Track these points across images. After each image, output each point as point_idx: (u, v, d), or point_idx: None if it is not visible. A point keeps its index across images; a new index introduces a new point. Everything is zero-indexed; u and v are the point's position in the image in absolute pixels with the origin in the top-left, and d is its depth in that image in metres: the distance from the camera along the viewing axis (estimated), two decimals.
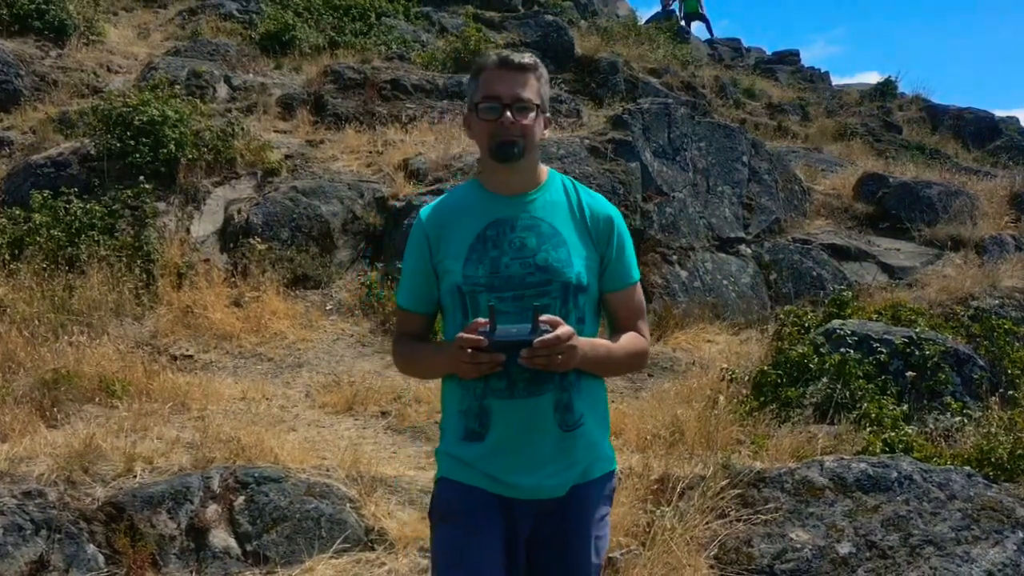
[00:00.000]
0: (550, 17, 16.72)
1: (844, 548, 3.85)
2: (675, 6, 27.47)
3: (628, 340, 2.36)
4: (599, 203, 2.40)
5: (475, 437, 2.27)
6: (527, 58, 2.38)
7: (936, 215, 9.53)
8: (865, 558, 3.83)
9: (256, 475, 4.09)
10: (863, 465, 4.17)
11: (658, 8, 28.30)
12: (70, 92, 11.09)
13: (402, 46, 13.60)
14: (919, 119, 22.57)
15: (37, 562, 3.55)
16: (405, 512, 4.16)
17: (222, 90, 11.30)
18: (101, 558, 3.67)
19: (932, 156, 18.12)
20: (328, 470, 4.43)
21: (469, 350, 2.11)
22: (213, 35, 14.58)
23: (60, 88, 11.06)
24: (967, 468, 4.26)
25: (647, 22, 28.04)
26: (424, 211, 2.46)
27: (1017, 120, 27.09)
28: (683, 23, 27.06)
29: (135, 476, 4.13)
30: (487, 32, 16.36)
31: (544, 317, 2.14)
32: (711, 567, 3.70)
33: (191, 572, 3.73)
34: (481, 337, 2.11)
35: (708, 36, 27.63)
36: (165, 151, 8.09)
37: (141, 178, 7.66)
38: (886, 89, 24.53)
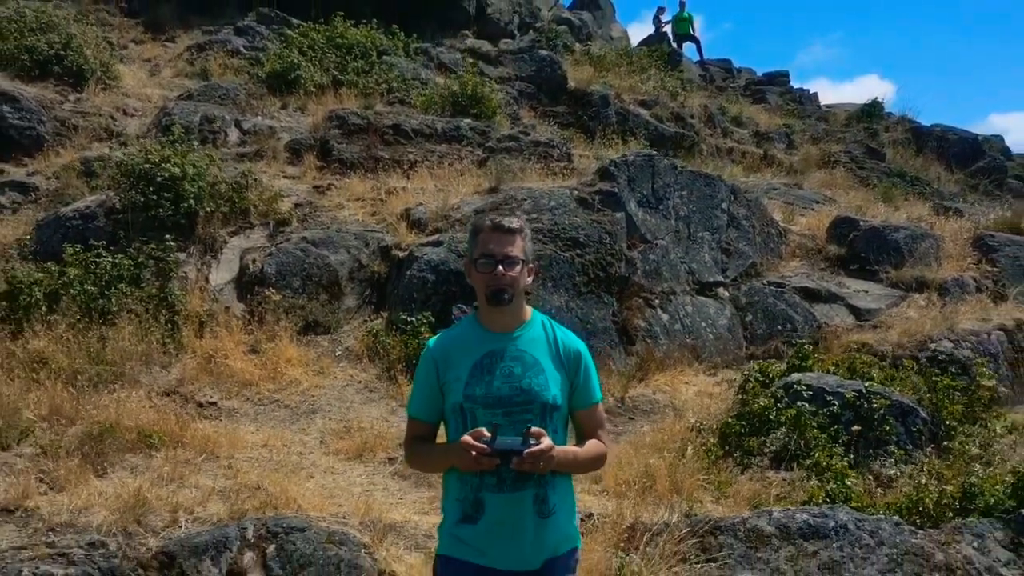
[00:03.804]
0: (544, 52, 17.44)
1: None
2: (668, 29, 28.25)
3: (591, 446, 3.05)
4: (570, 339, 3.09)
5: (470, 520, 2.94)
6: (514, 223, 3.06)
7: (903, 258, 10.21)
8: None
9: (284, 525, 4.76)
10: (805, 515, 4.86)
11: (651, 30, 29.12)
12: (89, 136, 11.76)
13: (402, 84, 14.27)
14: (904, 140, 23.27)
15: None
16: (412, 556, 4.83)
17: (233, 134, 11.98)
18: None
19: (913, 183, 18.83)
20: (344, 517, 5.11)
21: (474, 453, 2.79)
22: (221, 72, 15.28)
23: (80, 133, 11.72)
24: (896, 517, 4.94)
25: (640, 44, 28.86)
26: (432, 341, 3.13)
27: (1001, 139, 27.80)
28: (675, 45, 27.84)
29: (180, 527, 4.79)
30: (483, 67, 17.09)
31: (533, 430, 2.82)
32: None
33: None
34: (484, 445, 2.78)
35: (698, 58, 28.36)
36: (186, 205, 8.77)
37: (167, 237, 8.32)
38: (873, 110, 25.27)
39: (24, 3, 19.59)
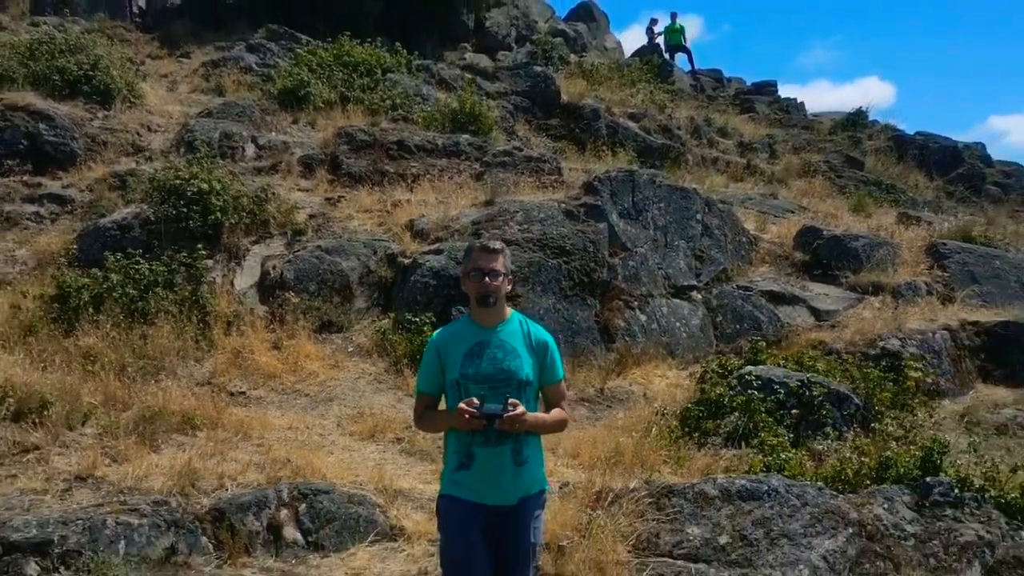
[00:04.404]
0: (538, 68, 18.46)
1: (723, 539, 5.52)
2: (660, 40, 29.31)
3: (555, 413, 4.06)
4: (540, 332, 4.09)
5: (464, 468, 3.95)
6: (497, 245, 4.07)
7: (861, 264, 11.24)
8: (738, 546, 5.51)
9: (313, 489, 5.77)
10: (743, 481, 5.86)
11: (644, 37, 30.21)
12: (117, 152, 12.77)
13: (405, 101, 15.28)
14: (887, 148, 24.23)
15: (170, 548, 5.22)
16: (417, 515, 5.83)
17: (250, 149, 12.99)
18: (211, 546, 5.35)
19: (888, 191, 19.81)
20: (361, 484, 6.12)
21: (467, 415, 3.79)
22: (235, 88, 16.31)
23: (109, 148, 12.73)
24: (819, 483, 5.95)
25: (633, 54, 29.90)
26: (435, 334, 4.14)
27: (983, 146, 28.81)
28: (667, 55, 28.91)
29: (227, 490, 5.80)
30: (481, 82, 18.13)
31: (511, 400, 3.82)
32: (629, 552, 5.37)
33: (272, 556, 5.40)
34: (474, 410, 3.79)
35: (690, 68, 29.39)
36: (212, 217, 9.78)
37: (198, 246, 9.32)
38: (857, 119, 26.25)
39: (46, 20, 20.67)
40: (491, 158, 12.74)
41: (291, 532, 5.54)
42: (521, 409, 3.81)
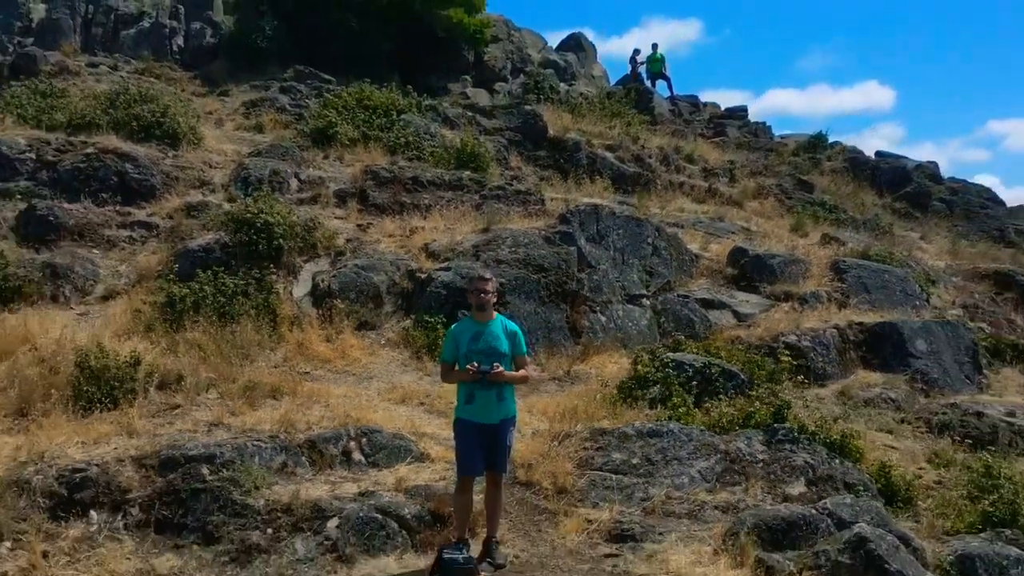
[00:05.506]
0: (528, 108, 21.60)
1: (635, 460, 8.61)
2: (642, 69, 32.38)
3: (521, 372, 7.18)
4: (512, 325, 7.21)
5: (469, 403, 7.04)
6: (488, 275, 7.24)
7: (776, 277, 14.34)
8: (644, 464, 8.59)
9: (370, 430, 8.86)
10: (651, 425, 8.96)
11: (627, 70, 33.26)
12: (187, 185, 15.86)
13: (417, 139, 18.38)
14: (843, 168, 27.26)
15: (283, 463, 8.29)
16: (438, 447, 8.90)
17: (293, 183, 16.08)
18: (307, 463, 8.42)
19: (831, 211, 22.82)
20: (400, 428, 9.21)
21: (471, 372, 6.87)
22: (272, 126, 19.47)
23: (180, 183, 15.82)
24: (702, 427, 9.04)
25: (617, 83, 33.05)
26: (452, 327, 7.29)
27: (935, 165, 31.79)
28: (649, 83, 31.99)
29: (313, 431, 8.87)
30: (480, 119, 21.29)
31: (495, 364, 6.91)
32: (574, 467, 8.45)
33: (346, 470, 8.47)
34: (474, 369, 6.88)
35: (669, 94, 32.43)
36: (276, 242, 12.87)
37: (267, 264, 12.41)
38: (818, 142, 29.37)
39: (100, 60, 23.75)
40: (488, 191, 15.84)
41: (357, 456, 8.63)
42: (501, 369, 6.90)
